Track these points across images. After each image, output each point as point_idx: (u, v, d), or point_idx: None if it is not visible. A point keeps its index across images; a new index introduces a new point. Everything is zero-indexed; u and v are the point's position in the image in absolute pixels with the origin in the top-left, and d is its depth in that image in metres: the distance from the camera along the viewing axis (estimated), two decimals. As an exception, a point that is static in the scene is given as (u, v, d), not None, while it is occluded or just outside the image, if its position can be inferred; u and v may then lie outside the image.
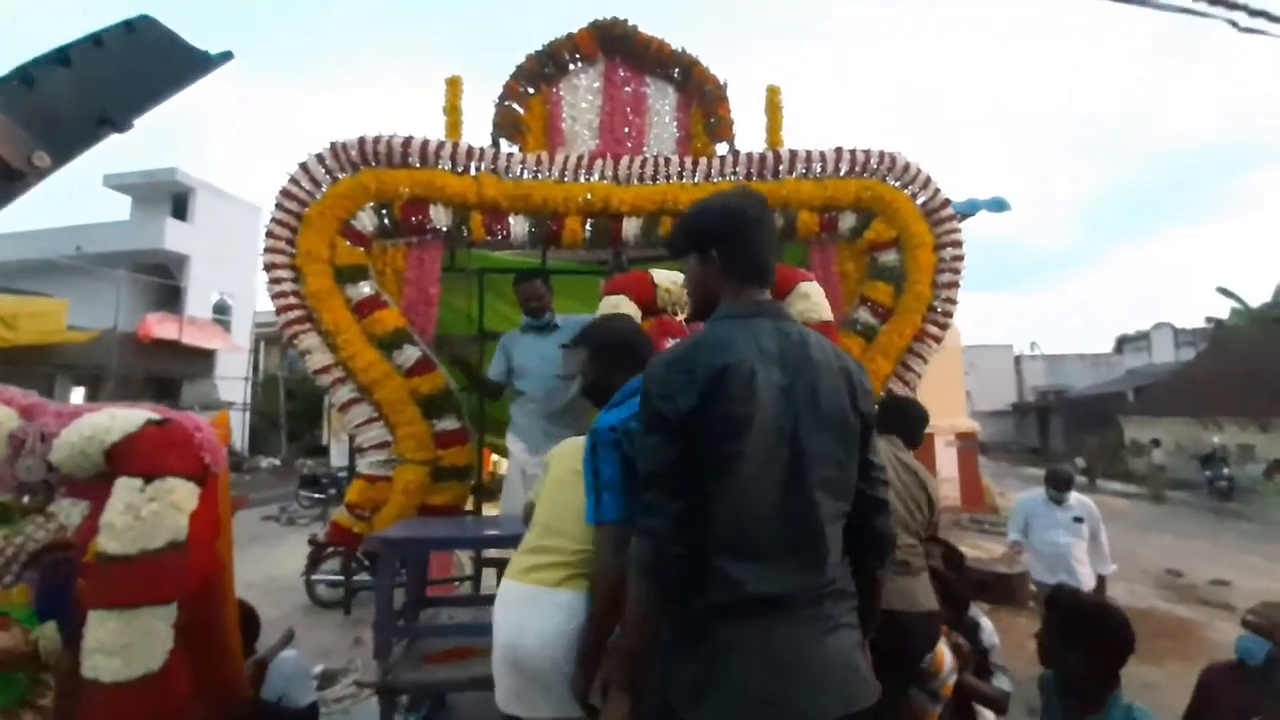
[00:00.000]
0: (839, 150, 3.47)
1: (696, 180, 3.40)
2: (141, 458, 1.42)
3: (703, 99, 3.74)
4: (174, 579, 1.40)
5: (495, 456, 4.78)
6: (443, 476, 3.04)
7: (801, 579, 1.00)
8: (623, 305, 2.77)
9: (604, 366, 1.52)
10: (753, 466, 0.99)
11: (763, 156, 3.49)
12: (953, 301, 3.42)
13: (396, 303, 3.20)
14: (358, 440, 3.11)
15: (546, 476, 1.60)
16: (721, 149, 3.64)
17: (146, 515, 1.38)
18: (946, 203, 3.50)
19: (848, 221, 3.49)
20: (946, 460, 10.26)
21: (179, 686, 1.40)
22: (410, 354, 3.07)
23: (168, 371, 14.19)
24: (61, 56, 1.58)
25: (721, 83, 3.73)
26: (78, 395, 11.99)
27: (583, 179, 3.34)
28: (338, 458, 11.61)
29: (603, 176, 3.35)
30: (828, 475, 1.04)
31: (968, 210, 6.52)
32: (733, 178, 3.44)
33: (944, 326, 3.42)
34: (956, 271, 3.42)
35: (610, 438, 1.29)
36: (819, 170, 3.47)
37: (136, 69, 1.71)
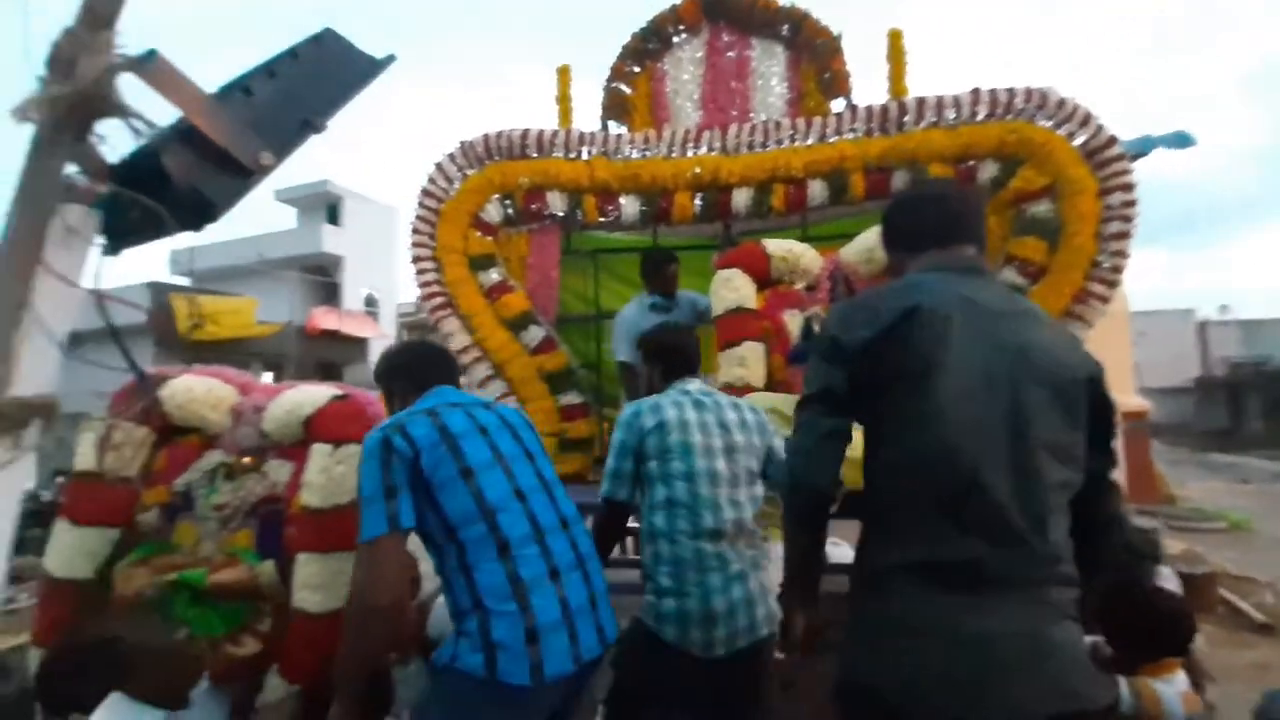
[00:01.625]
0: (976, 92, 3.10)
1: (810, 142, 3.22)
2: (331, 427, 1.67)
3: (814, 54, 3.51)
4: (358, 530, 1.63)
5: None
6: (567, 448, 3.23)
7: (1018, 549, 0.89)
8: (736, 279, 2.73)
9: (396, 393, 1.52)
10: (957, 415, 0.91)
11: (884, 109, 3.20)
12: (1124, 255, 2.92)
13: (521, 286, 3.41)
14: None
15: None
16: (838, 105, 3.41)
17: (336, 475, 1.62)
18: (1113, 140, 2.99)
19: (989, 171, 3.11)
20: (1110, 443, 8.99)
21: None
22: (535, 334, 3.26)
23: (330, 357, 16.37)
24: (268, 69, 1.84)
25: (835, 34, 3.48)
26: (267, 379, 14.23)
27: (690, 153, 3.30)
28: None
29: (710, 148, 3.28)
30: (1049, 436, 0.93)
31: (1141, 149, 5.52)
32: (850, 135, 3.21)
33: (1113, 284, 2.94)
34: (1128, 220, 2.91)
35: (378, 437, 1.24)
36: (952, 117, 3.12)
37: (326, 76, 1.93)
